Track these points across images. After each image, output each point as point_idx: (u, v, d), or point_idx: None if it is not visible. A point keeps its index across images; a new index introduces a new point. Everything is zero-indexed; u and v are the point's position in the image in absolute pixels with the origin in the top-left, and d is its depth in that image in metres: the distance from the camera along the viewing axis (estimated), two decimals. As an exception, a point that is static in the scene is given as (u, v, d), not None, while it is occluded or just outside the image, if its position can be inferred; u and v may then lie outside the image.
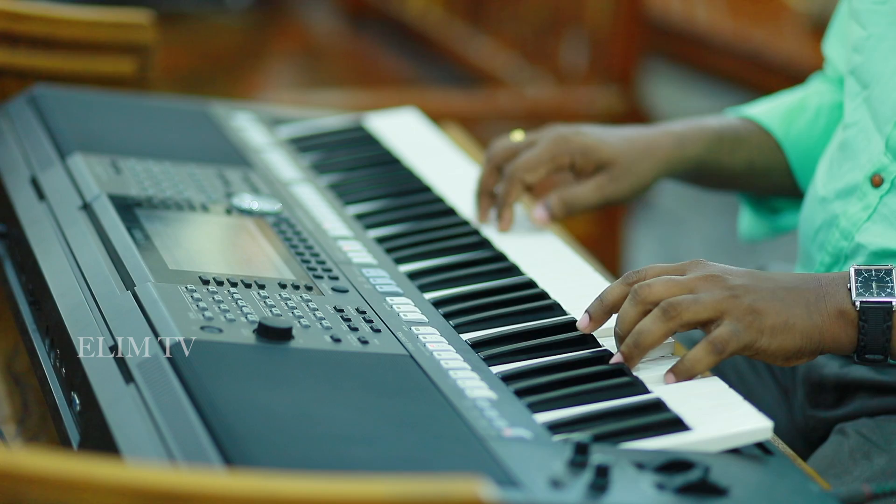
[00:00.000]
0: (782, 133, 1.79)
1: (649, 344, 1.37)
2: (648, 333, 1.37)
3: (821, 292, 1.40)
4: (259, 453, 1.14)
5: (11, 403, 1.55)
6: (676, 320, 1.37)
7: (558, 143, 1.72)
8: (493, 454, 1.21)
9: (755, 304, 1.37)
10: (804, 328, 1.38)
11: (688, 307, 1.37)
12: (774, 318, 1.37)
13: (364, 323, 1.43)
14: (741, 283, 1.39)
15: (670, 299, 1.37)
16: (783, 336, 1.37)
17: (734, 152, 1.78)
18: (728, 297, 1.37)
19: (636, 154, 1.73)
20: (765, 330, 1.37)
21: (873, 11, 1.61)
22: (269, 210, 1.71)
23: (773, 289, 1.39)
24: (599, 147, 1.72)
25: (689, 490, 1.18)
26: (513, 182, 1.71)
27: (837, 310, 1.39)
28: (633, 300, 1.39)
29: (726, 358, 1.37)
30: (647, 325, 1.37)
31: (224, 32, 4.45)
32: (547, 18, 3.80)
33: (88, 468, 0.99)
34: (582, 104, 3.58)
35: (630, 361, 1.38)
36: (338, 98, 3.59)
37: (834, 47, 1.79)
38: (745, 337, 1.36)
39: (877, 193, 1.56)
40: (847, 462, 1.52)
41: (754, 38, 4.66)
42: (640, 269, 1.43)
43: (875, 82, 1.59)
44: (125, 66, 2.14)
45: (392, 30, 4.43)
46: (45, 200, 1.67)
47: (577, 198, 1.73)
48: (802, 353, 1.39)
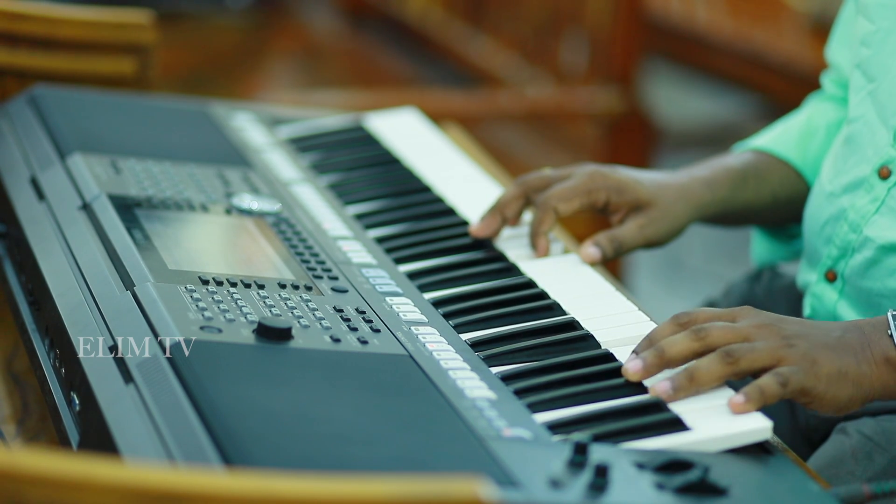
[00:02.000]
0: (800, 160, 1.79)
1: (704, 383, 1.36)
2: (707, 373, 1.35)
3: (865, 340, 1.41)
4: (258, 453, 1.14)
5: (11, 403, 1.55)
6: (734, 366, 1.36)
7: (594, 178, 1.68)
8: (493, 454, 1.21)
9: (810, 351, 1.38)
10: (856, 376, 1.39)
11: (745, 354, 1.36)
12: (829, 366, 1.38)
13: (363, 323, 1.43)
14: (795, 331, 1.39)
15: (729, 346, 1.37)
16: (838, 385, 1.38)
17: (759, 189, 1.77)
18: (784, 346, 1.38)
19: (671, 197, 1.70)
20: (822, 377, 1.37)
21: (882, 5, 1.62)
22: (269, 210, 1.71)
23: (822, 337, 1.40)
24: (636, 187, 1.69)
25: (688, 490, 1.18)
26: (546, 210, 1.66)
27: (884, 357, 1.40)
28: (689, 336, 1.38)
29: (787, 397, 1.36)
30: (705, 364, 1.36)
31: (224, 32, 4.45)
32: (547, 18, 3.80)
33: (88, 468, 0.99)
34: (582, 104, 3.58)
35: (677, 393, 1.35)
36: (338, 98, 3.59)
37: (839, 53, 1.79)
38: (804, 380, 1.36)
39: (885, 186, 1.57)
40: (849, 462, 1.52)
41: (754, 38, 4.66)
42: (689, 311, 1.42)
43: (882, 75, 1.60)
44: (125, 66, 2.14)
45: (392, 30, 4.43)
46: (45, 200, 1.67)
47: (623, 238, 1.68)
48: (854, 401, 1.39)
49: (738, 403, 1.33)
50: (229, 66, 4.15)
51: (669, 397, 1.35)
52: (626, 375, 1.37)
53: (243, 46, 4.41)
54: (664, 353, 1.37)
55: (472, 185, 1.87)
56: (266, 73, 4.20)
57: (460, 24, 4.15)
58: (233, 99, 3.18)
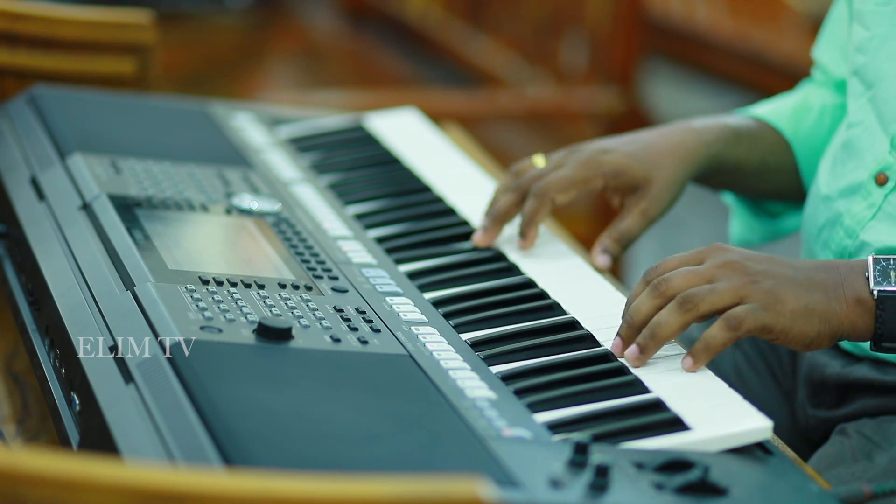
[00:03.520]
0: (791, 132, 1.79)
1: (665, 336, 1.38)
2: (665, 326, 1.37)
3: (839, 279, 1.41)
4: (259, 453, 1.14)
5: (11, 403, 1.55)
6: (693, 312, 1.37)
7: (589, 166, 1.67)
8: (493, 454, 1.21)
9: (775, 288, 1.38)
10: (823, 313, 1.39)
11: (704, 297, 1.37)
12: (794, 302, 1.38)
13: (364, 323, 1.43)
14: (761, 268, 1.39)
15: (687, 291, 1.37)
16: (803, 321, 1.38)
17: (750, 150, 1.76)
18: (747, 283, 1.38)
19: (667, 163, 1.69)
20: (785, 314, 1.37)
21: (877, 12, 1.61)
22: (269, 210, 1.71)
23: (792, 274, 1.40)
24: (631, 166, 1.68)
25: (688, 490, 1.18)
26: (543, 201, 1.65)
27: (855, 297, 1.40)
28: (650, 293, 1.40)
29: (744, 336, 1.37)
30: (663, 317, 1.38)
31: (224, 32, 4.45)
32: (547, 18, 3.80)
33: (88, 468, 0.99)
34: (582, 104, 3.58)
35: (645, 353, 1.38)
36: (338, 98, 3.59)
37: (827, 52, 1.79)
38: (763, 317, 1.37)
39: (882, 192, 1.57)
40: (848, 462, 1.52)
41: (754, 38, 4.66)
42: (658, 263, 1.43)
43: (880, 82, 1.60)
44: (125, 66, 2.14)
45: (392, 30, 4.43)
46: (45, 200, 1.67)
47: (628, 231, 1.68)
48: (822, 338, 1.40)
49: (688, 366, 1.36)
50: (229, 66, 4.15)
51: (639, 360, 1.38)
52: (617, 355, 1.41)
53: (243, 46, 4.41)
54: (633, 321, 1.40)
55: (472, 185, 1.87)
56: (266, 73, 4.20)
57: (460, 24, 4.15)
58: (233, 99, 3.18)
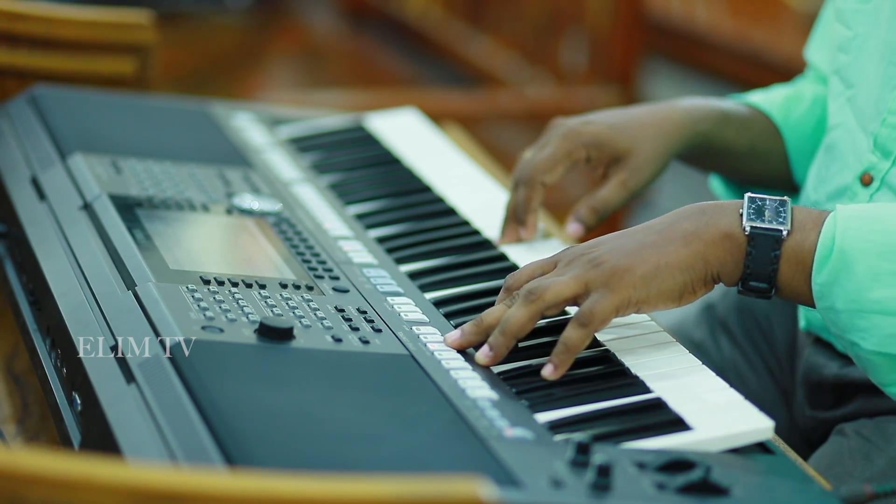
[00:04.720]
0: (782, 119, 1.78)
1: (514, 331, 1.37)
2: (514, 320, 1.37)
3: (703, 219, 1.39)
4: (260, 453, 1.14)
5: (11, 403, 1.55)
6: (540, 302, 1.36)
7: (570, 137, 1.67)
8: (494, 454, 1.21)
9: (617, 263, 1.37)
10: (680, 261, 1.37)
11: (548, 287, 1.37)
12: (643, 267, 1.36)
13: (365, 323, 1.43)
14: (604, 249, 1.38)
15: (530, 284, 1.38)
16: (659, 280, 1.37)
17: (740, 133, 1.75)
18: (588, 270, 1.37)
19: (650, 136, 1.68)
20: (636, 284, 1.36)
21: (858, 11, 1.61)
22: (270, 210, 1.71)
23: (641, 238, 1.39)
24: (613, 137, 1.67)
25: (690, 490, 1.18)
26: (532, 186, 1.65)
27: (723, 233, 1.38)
28: (501, 295, 1.41)
29: (602, 327, 1.36)
30: (512, 311, 1.37)
31: (224, 32, 4.46)
32: (547, 18, 3.80)
33: (89, 468, 0.99)
34: (582, 104, 3.58)
35: (494, 350, 1.37)
36: (338, 98, 3.59)
37: (818, 52, 1.79)
38: (612, 300, 1.35)
39: (867, 192, 1.55)
40: (847, 462, 1.52)
41: (754, 38, 4.66)
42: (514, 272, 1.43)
43: (861, 81, 1.59)
44: (125, 66, 2.14)
45: (392, 30, 4.44)
46: (46, 200, 1.67)
47: (606, 201, 1.68)
48: (691, 285, 1.38)
49: (548, 373, 1.35)
50: (229, 66, 4.16)
51: (491, 359, 1.37)
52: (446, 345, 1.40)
53: (243, 46, 4.41)
54: (482, 321, 1.39)
55: (472, 185, 1.87)
56: (266, 73, 4.20)
57: (460, 24, 4.16)
58: (233, 99, 3.18)
